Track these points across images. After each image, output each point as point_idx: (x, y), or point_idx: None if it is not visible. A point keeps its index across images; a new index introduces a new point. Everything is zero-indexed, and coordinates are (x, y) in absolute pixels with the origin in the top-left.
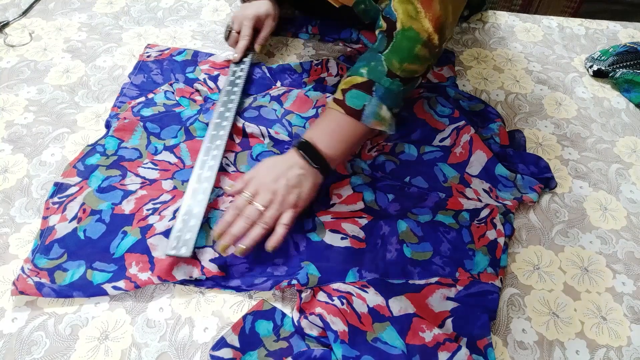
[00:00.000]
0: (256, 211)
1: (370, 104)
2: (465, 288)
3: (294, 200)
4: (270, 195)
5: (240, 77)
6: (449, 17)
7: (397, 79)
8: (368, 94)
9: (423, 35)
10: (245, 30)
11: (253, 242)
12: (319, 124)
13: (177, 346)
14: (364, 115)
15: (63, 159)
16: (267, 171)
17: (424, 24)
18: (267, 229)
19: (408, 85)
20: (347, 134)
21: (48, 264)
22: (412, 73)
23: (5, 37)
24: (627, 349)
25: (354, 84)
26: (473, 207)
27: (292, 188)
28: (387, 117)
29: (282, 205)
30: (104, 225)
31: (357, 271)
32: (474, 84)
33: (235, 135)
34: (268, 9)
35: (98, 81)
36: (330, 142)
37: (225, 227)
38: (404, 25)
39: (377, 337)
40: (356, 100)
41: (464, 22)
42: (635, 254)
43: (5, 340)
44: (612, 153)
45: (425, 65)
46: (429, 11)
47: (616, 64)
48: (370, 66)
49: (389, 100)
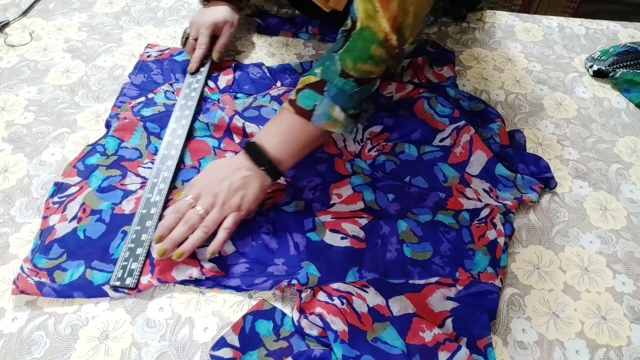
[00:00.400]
0: (197, 215)
1: (322, 104)
2: (465, 288)
3: (236, 204)
4: (212, 199)
5: (195, 89)
6: (407, 18)
7: (351, 79)
8: (320, 93)
9: (379, 34)
10: (202, 38)
11: (192, 247)
12: (270, 124)
13: (177, 346)
14: (314, 115)
15: (63, 159)
16: (211, 174)
17: (381, 24)
18: (207, 233)
19: (364, 87)
20: (297, 135)
21: (47, 264)
22: (367, 74)
23: (5, 37)
24: (627, 348)
25: (307, 83)
26: (473, 207)
27: (235, 191)
28: (340, 118)
29: (224, 209)
30: (104, 225)
31: (357, 271)
32: (474, 84)
33: (235, 135)
34: (226, 15)
35: (98, 81)
36: (279, 143)
37: (165, 232)
38: (362, 24)
39: (377, 337)
40: (307, 100)
41: (463, 22)
42: (635, 254)
43: (5, 340)
44: (612, 153)
45: (381, 66)
46: (386, 10)
47: (616, 64)
48: (325, 66)
49: (341, 100)
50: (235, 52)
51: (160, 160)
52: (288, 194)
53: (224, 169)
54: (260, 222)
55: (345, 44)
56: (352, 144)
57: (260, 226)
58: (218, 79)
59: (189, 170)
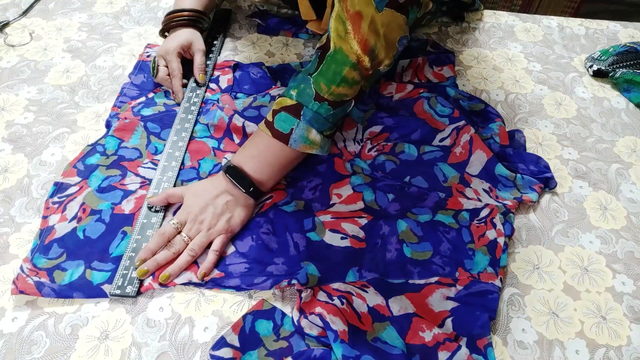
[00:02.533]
0: (182, 242)
1: (298, 128)
2: (465, 288)
3: (223, 227)
4: (197, 225)
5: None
6: (379, 41)
7: (326, 102)
8: (296, 117)
9: (352, 57)
10: (173, 64)
11: (179, 270)
12: (248, 147)
13: (177, 346)
14: (291, 139)
15: (63, 159)
16: (194, 200)
17: (352, 46)
18: (194, 256)
19: (338, 109)
20: (275, 158)
21: (47, 264)
22: (342, 97)
23: (5, 37)
24: (627, 348)
25: (284, 106)
26: (473, 207)
27: (220, 216)
28: (317, 140)
29: (211, 234)
30: (103, 225)
31: (357, 271)
32: (474, 84)
33: (235, 135)
34: (188, 37)
35: (98, 81)
36: (258, 166)
37: (148, 255)
38: (335, 46)
39: (377, 337)
40: (284, 124)
41: (463, 22)
42: (635, 253)
43: (5, 340)
44: (612, 153)
45: (355, 88)
46: (357, 33)
47: (616, 63)
48: (300, 89)
49: (317, 123)
50: (235, 52)
51: (161, 172)
52: (288, 193)
53: (204, 193)
54: (260, 222)
55: (319, 66)
56: (352, 144)
57: (260, 226)
58: (219, 80)
59: (188, 171)
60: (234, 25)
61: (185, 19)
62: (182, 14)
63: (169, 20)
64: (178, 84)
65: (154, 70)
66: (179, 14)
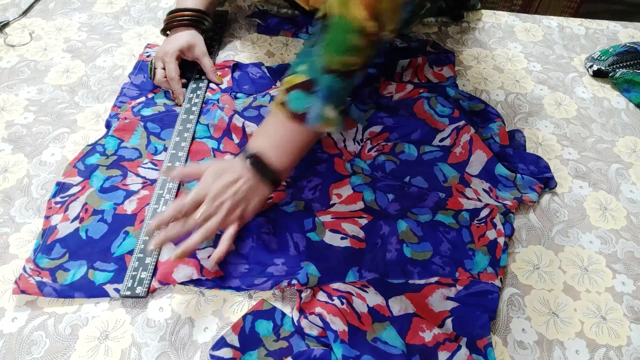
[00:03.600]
0: (194, 222)
1: (314, 106)
2: (465, 288)
3: (239, 215)
4: (214, 209)
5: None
6: (383, 3)
7: (336, 74)
8: (310, 94)
9: (355, 23)
10: (171, 67)
11: (190, 251)
12: (267, 131)
13: (177, 346)
14: (308, 118)
15: (63, 159)
16: (214, 180)
17: (356, 11)
18: (205, 238)
19: (349, 80)
20: (294, 143)
21: (50, 264)
22: (350, 66)
23: (5, 37)
24: (627, 348)
25: (295, 84)
26: (473, 207)
27: (239, 202)
28: (333, 117)
29: (226, 219)
30: (106, 225)
31: (357, 271)
32: (474, 84)
33: (234, 135)
34: (189, 39)
35: (98, 81)
36: (280, 153)
37: (160, 224)
38: (337, 13)
39: (377, 337)
40: (298, 102)
41: (463, 22)
42: (635, 253)
43: (5, 340)
44: (612, 153)
45: (362, 56)
46: None
47: (616, 64)
48: (308, 63)
49: (332, 98)
50: (235, 52)
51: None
52: (288, 194)
53: (225, 175)
54: (260, 222)
55: (324, 37)
56: (352, 144)
57: (260, 226)
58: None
59: None
60: (234, 25)
61: (187, 19)
62: (184, 13)
63: (170, 19)
64: (178, 86)
65: (151, 72)
66: (181, 13)
